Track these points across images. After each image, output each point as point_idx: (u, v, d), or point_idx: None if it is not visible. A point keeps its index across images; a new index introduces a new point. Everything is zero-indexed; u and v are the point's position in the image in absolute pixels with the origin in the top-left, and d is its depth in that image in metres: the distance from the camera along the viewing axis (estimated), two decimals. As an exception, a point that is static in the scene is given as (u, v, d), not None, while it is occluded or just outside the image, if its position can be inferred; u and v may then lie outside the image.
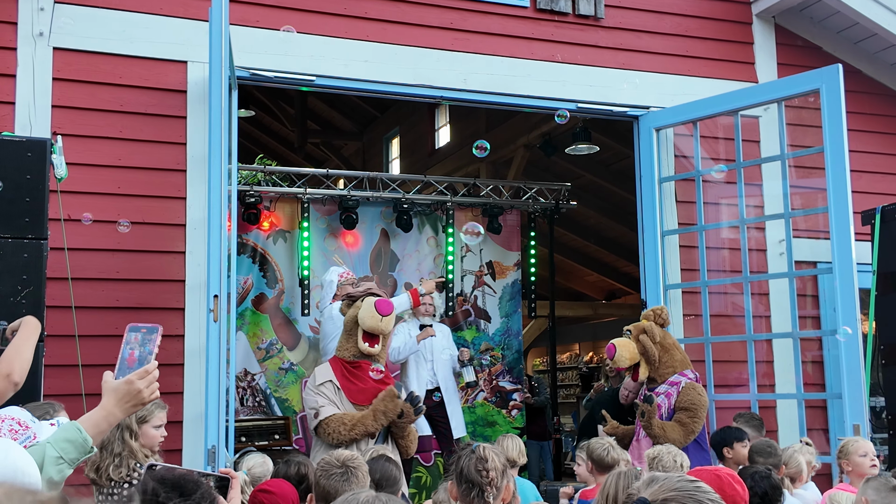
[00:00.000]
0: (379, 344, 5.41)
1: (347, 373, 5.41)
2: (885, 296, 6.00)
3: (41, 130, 5.06)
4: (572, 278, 16.40)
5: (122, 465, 3.75)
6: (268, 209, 8.27)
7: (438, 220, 8.92)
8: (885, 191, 6.85)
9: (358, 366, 5.41)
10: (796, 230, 6.34)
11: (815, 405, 6.55)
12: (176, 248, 5.37)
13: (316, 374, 5.53)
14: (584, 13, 6.51)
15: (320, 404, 5.31)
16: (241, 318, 7.95)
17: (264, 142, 15.72)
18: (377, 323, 5.31)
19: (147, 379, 2.34)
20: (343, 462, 3.10)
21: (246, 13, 5.64)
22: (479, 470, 2.80)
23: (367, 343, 5.37)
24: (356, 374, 5.40)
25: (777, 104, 6.07)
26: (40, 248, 4.35)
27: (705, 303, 6.27)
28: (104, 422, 2.25)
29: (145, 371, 2.35)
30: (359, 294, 5.53)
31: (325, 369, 5.52)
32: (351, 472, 3.06)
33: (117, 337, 5.20)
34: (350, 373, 5.41)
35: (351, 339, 5.45)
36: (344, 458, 3.15)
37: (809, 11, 6.98)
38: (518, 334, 9.27)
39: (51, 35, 5.24)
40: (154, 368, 2.36)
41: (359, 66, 5.90)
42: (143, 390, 2.32)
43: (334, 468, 3.06)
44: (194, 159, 5.42)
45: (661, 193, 6.47)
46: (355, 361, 5.42)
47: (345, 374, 5.41)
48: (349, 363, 5.43)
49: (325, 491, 3.04)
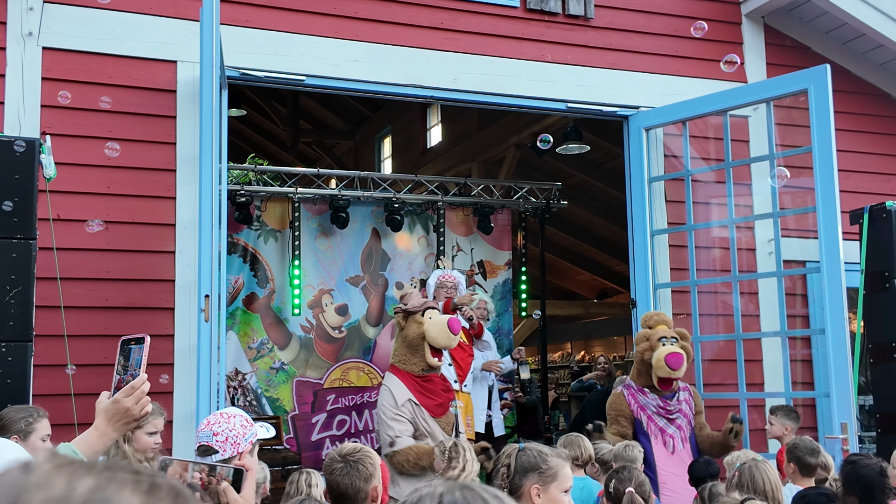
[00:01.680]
0: (442, 358, 5.64)
1: (422, 388, 5.54)
2: (872, 295, 6.03)
3: (30, 130, 5.05)
4: (564, 277, 16.43)
5: None
6: (259, 208, 8.27)
7: (429, 219, 8.93)
8: (873, 190, 6.88)
9: (430, 380, 5.59)
10: (785, 229, 6.37)
11: (803, 404, 6.58)
12: (165, 247, 5.36)
13: (394, 393, 5.51)
14: (573, 13, 6.53)
15: (397, 434, 5.38)
16: (232, 318, 7.95)
17: (256, 141, 15.70)
18: (450, 341, 5.52)
19: (135, 395, 2.27)
20: (345, 456, 3.07)
21: (236, 13, 5.64)
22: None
23: (437, 358, 5.55)
24: (430, 388, 5.56)
25: (766, 104, 6.09)
26: (29, 248, 4.34)
27: (694, 302, 6.30)
28: (99, 442, 2.20)
29: (132, 388, 2.28)
30: (416, 309, 5.63)
31: (402, 388, 5.53)
32: (352, 466, 3.00)
33: (106, 337, 5.24)
34: (425, 388, 5.55)
35: (417, 353, 5.57)
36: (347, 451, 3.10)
37: (798, 12, 7.01)
38: (509, 333, 9.29)
39: (40, 35, 5.23)
40: (142, 383, 2.28)
41: (349, 66, 5.91)
42: (132, 407, 2.26)
43: (336, 463, 3.04)
44: (184, 159, 5.41)
45: (650, 193, 6.50)
46: (426, 376, 5.58)
47: (420, 390, 5.53)
48: (421, 378, 5.57)
49: (330, 485, 3.02)
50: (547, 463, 2.78)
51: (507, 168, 10.87)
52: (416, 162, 12.70)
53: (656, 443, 5.53)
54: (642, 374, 5.69)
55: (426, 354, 5.51)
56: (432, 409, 5.49)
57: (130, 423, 2.29)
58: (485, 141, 11.30)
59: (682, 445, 5.56)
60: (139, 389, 2.28)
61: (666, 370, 5.48)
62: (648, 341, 5.65)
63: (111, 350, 5.43)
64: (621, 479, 3.79)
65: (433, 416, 5.47)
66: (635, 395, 5.67)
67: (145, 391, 2.29)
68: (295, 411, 8.22)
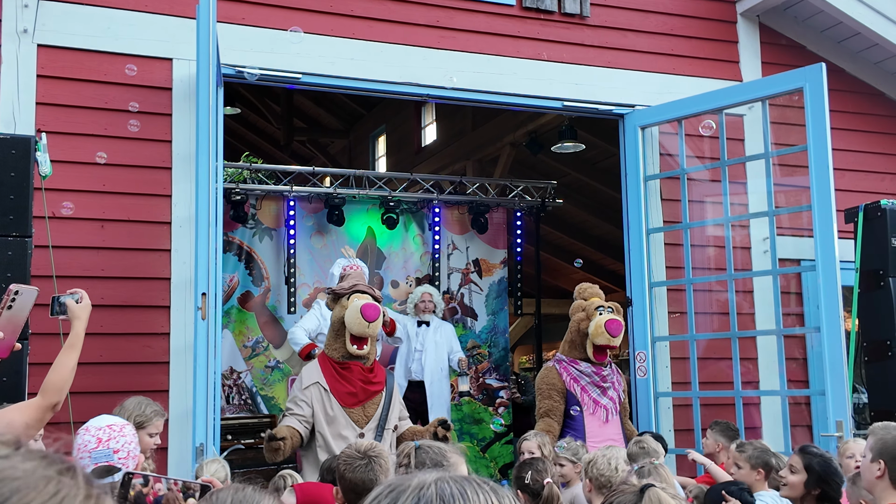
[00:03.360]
0: (367, 345, 5.24)
1: (337, 374, 5.22)
2: (867, 293, 6.05)
3: (25, 127, 5.04)
4: (558, 276, 16.43)
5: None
6: (254, 207, 8.26)
7: (425, 217, 8.93)
8: (868, 189, 6.91)
9: (347, 367, 5.22)
10: (780, 228, 6.39)
11: (798, 402, 6.60)
12: (161, 245, 5.35)
13: (303, 375, 5.34)
14: (569, 12, 6.53)
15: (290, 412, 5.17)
16: (227, 316, 7.93)
17: (250, 139, 15.67)
18: (364, 329, 5.12)
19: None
20: (364, 452, 3.06)
21: (232, 10, 5.63)
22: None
23: (356, 346, 5.19)
24: (346, 375, 5.20)
25: (761, 103, 6.11)
26: (24, 246, 4.33)
27: (690, 300, 6.31)
28: None
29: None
30: (344, 291, 5.32)
31: (314, 369, 5.32)
32: (374, 461, 3.00)
33: (102, 336, 5.22)
34: (340, 374, 5.22)
35: (339, 339, 5.24)
36: (365, 447, 3.09)
37: (793, 10, 7.02)
38: (505, 332, 9.29)
39: (35, 32, 5.21)
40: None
41: (345, 64, 5.90)
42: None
43: (357, 460, 3.03)
44: (180, 157, 5.40)
45: (646, 191, 6.50)
46: (345, 363, 5.23)
47: (334, 374, 5.22)
48: (338, 363, 5.24)
49: (352, 483, 3.00)
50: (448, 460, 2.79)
51: (502, 167, 10.87)
52: (411, 161, 12.69)
53: (588, 414, 5.59)
54: (576, 345, 5.78)
55: (346, 341, 5.18)
56: (343, 396, 5.13)
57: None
58: (480, 140, 11.30)
59: (614, 415, 5.59)
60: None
61: (605, 337, 5.55)
62: (584, 311, 5.76)
63: (107, 349, 5.44)
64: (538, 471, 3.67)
65: (343, 404, 5.11)
66: (567, 367, 5.73)
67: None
68: (290, 410, 8.20)
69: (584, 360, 5.70)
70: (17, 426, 2.41)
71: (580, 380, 5.66)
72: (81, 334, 2.71)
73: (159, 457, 4.69)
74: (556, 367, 5.77)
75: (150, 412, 3.93)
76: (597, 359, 5.69)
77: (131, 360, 5.20)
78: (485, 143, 11.15)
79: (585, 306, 5.79)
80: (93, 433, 2.71)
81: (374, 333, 5.24)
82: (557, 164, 11.92)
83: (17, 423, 2.42)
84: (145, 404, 3.95)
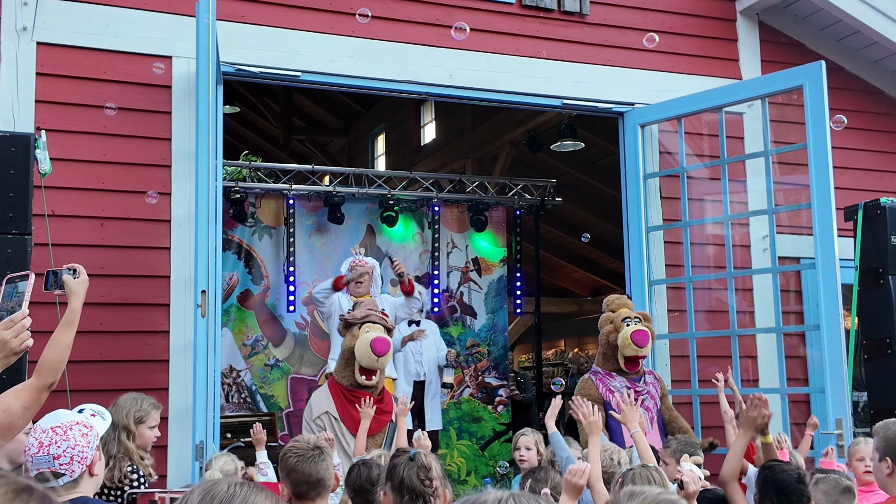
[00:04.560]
0: (376, 376, 5.31)
1: (346, 401, 5.29)
2: (867, 291, 6.05)
3: (25, 125, 5.04)
4: (558, 275, 16.44)
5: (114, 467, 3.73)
6: (253, 205, 8.26)
7: (424, 216, 8.93)
8: (868, 187, 6.90)
9: (357, 395, 5.27)
10: (780, 226, 6.39)
11: (798, 400, 6.60)
12: (161, 243, 5.35)
13: (312, 404, 5.41)
14: (569, 10, 6.53)
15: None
16: (227, 315, 7.94)
17: (249, 138, 15.67)
18: (373, 363, 5.20)
19: (15, 328, 2.25)
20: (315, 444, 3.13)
21: (231, 8, 5.62)
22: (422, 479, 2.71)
23: (364, 377, 5.26)
24: (356, 402, 5.21)
25: (761, 101, 6.10)
26: (24, 244, 4.33)
27: (689, 298, 6.31)
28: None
29: (11, 321, 2.26)
30: (356, 321, 5.37)
31: (324, 397, 5.39)
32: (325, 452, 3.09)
33: (102, 333, 5.21)
34: (349, 401, 5.28)
35: (349, 367, 5.32)
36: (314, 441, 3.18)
37: (793, 8, 7.02)
38: (504, 330, 9.30)
39: (34, 30, 5.21)
40: (22, 317, 2.28)
41: (345, 62, 5.90)
42: (11, 340, 2.24)
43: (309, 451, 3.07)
44: (179, 155, 5.40)
45: (645, 190, 6.50)
46: (354, 391, 5.31)
47: (344, 402, 5.29)
48: (348, 391, 5.32)
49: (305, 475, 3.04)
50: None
51: (502, 165, 10.87)
52: (410, 159, 12.69)
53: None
54: (608, 357, 5.75)
55: (355, 371, 5.26)
56: (353, 423, 5.15)
57: (9, 356, 2.26)
58: (479, 138, 11.29)
59: (650, 426, 5.59)
60: (19, 323, 2.28)
61: (633, 348, 5.54)
62: (613, 323, 5.74)
63: (107, 346, 5.44)
64: (538, 480, 3.69)
65: (353, 432, 5.13)
66: (603, 378, 5.72)
67: (26, 325, 2.29)
68: (290, 408, 8.21)
69: (617, 372, 5.68)
70: (15, 411, 2.34)
71: (615, 391, 5.66)
72: (78, 311, 2.59)
73: (159, 455, 4.69)
74: (592, 379, 5.76)
75: (147, 406, 3.95)
76: (629, 369, 5.66)
77: (131, 358, 5.20)
78: (484, 141, 11.15)
79: (613, 318, 5.75)
80: (37, 435, 2.56)
81: (383, 367, 5.32)
82: (557, 163, 11.93)
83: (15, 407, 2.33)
84: (141, 399, 3.96)
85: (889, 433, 3.27)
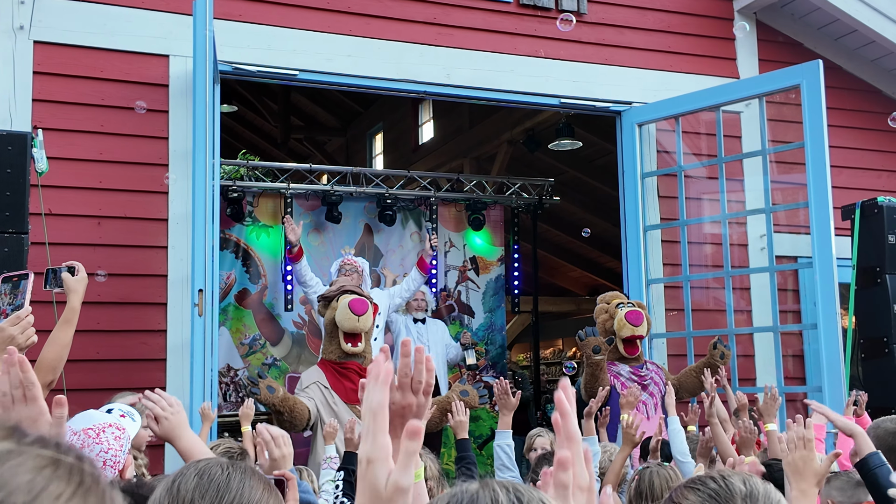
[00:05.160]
0: (362, 342, 5.34)
1: (337, 374, 5.34)
2: (864, 290, 6.06)
3: (21, 124, 5.03)
4: (555, 274, 16.44)
5: None
6: (251, 204, 8.26)
7: (422, 215, 8.92)
8: (865, 186, 6.91)
9: (346, 366, 5.34)
10: (777, 225, 6.39)
11: (795, 399, 6.60)
12: (158, 242, 5.34)
13: (302, 379, 5.47)
14: (567, 8, 6.52)
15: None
16: (224, 314, 7.93)
17: (247, 137, 15.65)
18: (354, 324, 5.23)
19: (21, 325, 2.27)
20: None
21: (229, 7, 5.62)
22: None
23: (350, 343, 5.30)
24: (345, 373, 5.32)
25: (758, 100, 6.11)
26: (21, 243, 4.32)
27: (687, 297, 6.31)
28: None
29: (17, 317, 2.29)
30: (333, 294, 5.44)
31: (313, 372, 5.45)
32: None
33: (98, 332, 5.20)
34: (340, 373, 5.34)
35: (333, 340, 5.38)
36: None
37: (790, 8, 7.02)
38: (501, 329, 9.29)
39: (31, 28, 5.20)
40: (27, 314, 2.30)
41: (342, 61, 5.90)
42: (17, 336, 2.26)
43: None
44: (176, 154, 5.40)
45: (643, 189, 6.51)
46: (343, 363, 5.35)
47: (335, 374, 5.34)
48: (337, 364, 5.36)
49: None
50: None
51: (500, 164, 10.87)
52: (408, 158, 12.68)
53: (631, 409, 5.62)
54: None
55: (340, 341, 5.32)
56: (346, 393, 5.23)
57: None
58: (477, 137, 11.29)
59: (654, 412, 5.62)
60: (24, 319, 2.30)
61: (629, 328, 5.61)
62: (607, 312, 5.85)
63: (104, 346, 5.43)
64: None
65: (346, 401, 5.22)
66: (607, 366, 5.76)
67: (31, 322, 2.31)
68: (287, 407, 8.20)
69: (620, 361, 5.75)
70: None
71: (619, 376, 5.72)
72: (77, 308, 2.61)
73: (156, 454, 4.68)
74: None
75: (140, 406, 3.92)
76: (628, 353, 5.73)
77: (128, 357, 5.19)
78: (482, 140, 11.15)
79: (608, 307, 5.89)
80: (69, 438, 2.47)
81: (365, 327, 5.33)
82: (555, 162, 11.93)
83: None
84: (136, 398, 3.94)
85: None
